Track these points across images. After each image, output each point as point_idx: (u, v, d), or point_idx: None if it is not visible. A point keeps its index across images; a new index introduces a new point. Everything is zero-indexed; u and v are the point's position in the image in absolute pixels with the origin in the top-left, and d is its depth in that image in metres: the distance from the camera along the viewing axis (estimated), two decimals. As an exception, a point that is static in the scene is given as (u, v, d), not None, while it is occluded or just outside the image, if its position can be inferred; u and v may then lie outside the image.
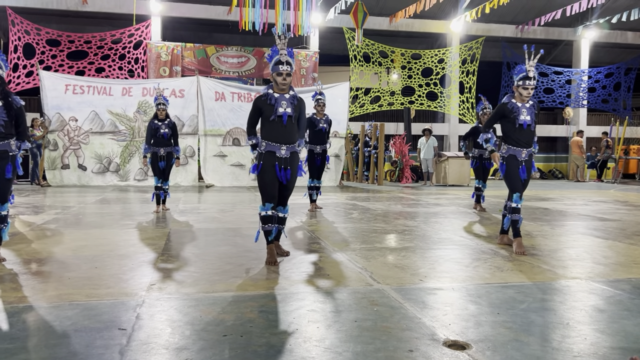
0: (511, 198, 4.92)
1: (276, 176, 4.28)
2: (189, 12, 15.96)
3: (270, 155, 4.28)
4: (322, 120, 7.84)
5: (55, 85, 12.61)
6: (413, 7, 15.01)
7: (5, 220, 4.20)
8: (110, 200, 9.36)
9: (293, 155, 4.38)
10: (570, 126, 18.78)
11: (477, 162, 8.32)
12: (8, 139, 4.10)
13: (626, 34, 18.58)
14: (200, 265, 4.23)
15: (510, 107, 4.97)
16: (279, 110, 4.26)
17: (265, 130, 4.36)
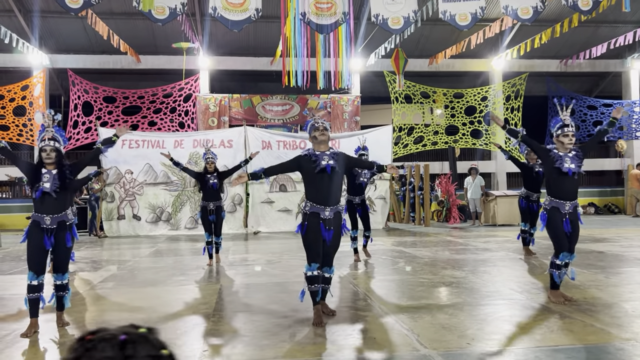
0: (557, 255, 4.84)
1: (321, 236, 4.38)
2: (234, 65, 16.67)
3: (314, 216, 4.40)
4: (363, 174, 7.96)
5: (112, 141, 13.31)
6: (454, 48, 15.16)
7: (66, 288, 4.45)
8: (163, 252, 9.71)
9: (337, 216, 4.48)
10: (624, 159, 18.15)
11: (524, 203, 8.15)
12: (66, 208, 4.34)
13: (678, 62, 18.03)
14: (249, 327, 4.35)
15: (553, 155, 4.93)
16: (322, 163, 4.38)
17: (310, 190, 4.47)
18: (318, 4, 9.72)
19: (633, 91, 18.08)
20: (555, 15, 15.08)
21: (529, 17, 10.42)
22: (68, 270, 4.46)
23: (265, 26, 15.52)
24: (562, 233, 4.84)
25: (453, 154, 17.25)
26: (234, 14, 9.55)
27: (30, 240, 4.26)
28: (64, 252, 4.37)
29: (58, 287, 4.39)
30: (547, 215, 4.89)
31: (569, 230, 4.86)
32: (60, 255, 4.34)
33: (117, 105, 15.95)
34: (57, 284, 4.39)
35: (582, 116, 17.94)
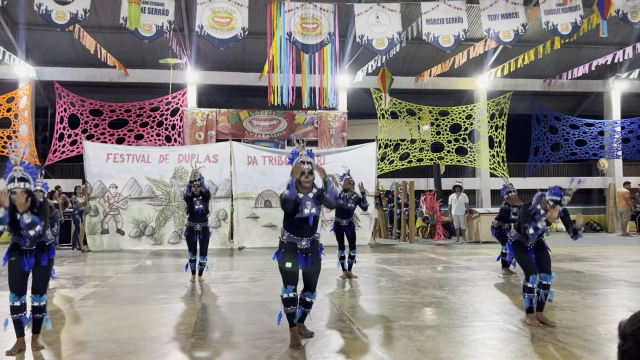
0: (527, 279, 4.98)
1: (297, 262, 4.45)
2: (222, 79, 16.75)
3: (291, 245, 4.47)
4: (351, 200, 8.09)
5: (97, 155, 13.30)
6: (439, 67, 15.39)
7: (44, 310, 4.38)
8: (145, 268, 9.67)
9: (313, 244, 4.55)
10: (606, 177, 18.45)
11: (496, 232, 8.50)
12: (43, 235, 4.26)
13: (658, 83, 18.44)
14: (227, 349, 4.37)
15: (533, 212, 5.01)
16: (304, 211, 4.42)
17: (288, 223, 4.51)
18: (304, 24, 9.86)
19: (614, 111, 18.43)
20: (538, 36, 15.39)
21: (511, 40, 10.65)
22: (46, 292, 4.43)
23: (253, 42, 15.64)
24: (528, 258, 5.00)
25: (438, 171, 17.43)
26: (220, 33, 9.65)
27: (10, 261, 4.26)
28: (42, 273, 4.36)
29: (35, 309, 4.33)
30: (512, 246, 5.08)
31: (534, 258, 5.02)
32: (38, 276, 4.33)
33: (104, 118, 15.93)
34: (34, 306, 4.33)
35: (564, 135, 18.23)
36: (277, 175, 13.74)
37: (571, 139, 18.22)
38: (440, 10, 10.35)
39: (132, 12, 8.63)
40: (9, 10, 14.40)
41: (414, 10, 12.97)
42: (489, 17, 10.44)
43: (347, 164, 14.02)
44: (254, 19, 13.37)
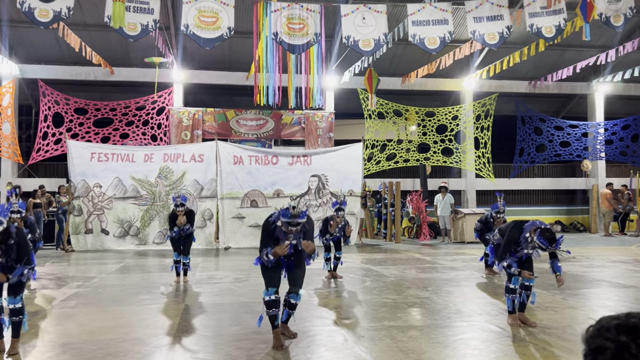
0: (510, 280, 5.02)
1: (280, 267, 4.46)
2: (209, 79, 16.66)
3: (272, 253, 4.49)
4: (336, 230, 8.06)
5: (81, 154, 13.17)
6: (426, 68, 15.45)
7: (21, 312, 4.25)
8: (130, 269, 9.61)
9: (296, 249, 4.55)
10: (589, 179, 18.67)
11: (479, 234, 8.57)
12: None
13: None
14: (210, 350, 4.36)
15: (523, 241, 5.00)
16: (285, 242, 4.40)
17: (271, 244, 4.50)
18: (290, 25, 9.85)
19: (598, 113, 18.64)
20: (523, 39, 15.51)
21: (496, 42, 10.74)
22: (21, 294, 4.30)
23: (240, 41, 15.58)
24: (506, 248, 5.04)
25: (424, 172, 17.51)
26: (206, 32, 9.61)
27: None
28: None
29: (11, 312, 4.22)
30: (494, 249, 5.12)
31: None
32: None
33: (89, 117, 15.77)
34: (9, 308, 4.22)
35: (549, 136, 18.42)
36: (264, 175, 13.73)
37: (555, 140, 18.40)
38: (426, 12, 10.41)
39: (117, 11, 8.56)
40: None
41: (400, 12, 13.02)
42: (475, 19, 10.52)
43: (333, 164, 14.17)
44: (241, 18, 13.32)
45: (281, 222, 4.34)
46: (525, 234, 4.92)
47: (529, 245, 4.95)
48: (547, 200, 19.54)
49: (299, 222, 4.31)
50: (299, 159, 14.04)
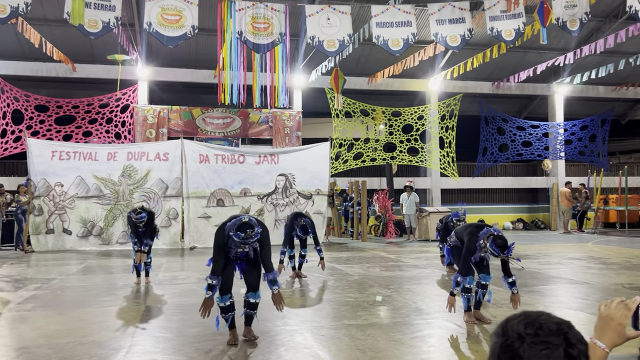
0: (464, 279, 5.17)
1: (232, 269, 4.49)
2: (175, 76, 16.47)
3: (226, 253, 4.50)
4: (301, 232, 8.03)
5: (42, 152, 12.87)
6: (392, 69, 15.64)
7: None
8: (92, 269, 9.45)
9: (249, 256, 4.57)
10: (549, 177, 19.22)
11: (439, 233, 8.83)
12: None
13: (597, 88, 19.32)
14: (169, 352, 4.35)
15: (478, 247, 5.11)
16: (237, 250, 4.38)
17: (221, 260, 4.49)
18: (255, 24, 9.84)
19: (558, 114, 19.20)
20: (486, 41, 15.85)
21: (457, 44, 10.96)
22: None
23: (206, 39, 15.46)
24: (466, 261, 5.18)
25: (390, 171, 17.72)
26: (169, 30, 9.51)
27: None
28: None
29: None
30: (451, 250, 5.26)
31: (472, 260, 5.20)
32: None
33: (50, 114, 15.40)
34: None
35: (511, 136, 18.88)
36: (230, 174, 13.67)
37: (518, 140, 18.88)
38: (390, 14, 10.54)
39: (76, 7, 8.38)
40: (-53, 0, 13.71)
41: (366, 13, 13.14)
42: (437, 21, 10.71)
43: (301, 163, 14.21)
44: (207, 15, 13.22)
45: (234, 233, 4.32)
46: (480, 241, 5.06)
47: (483, 250, 5.10)
48: (510, 198, 20.03)
49: (252, 242, 4.31)
50: (266, 158, 14.03)
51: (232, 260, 4.52)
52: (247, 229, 4.23)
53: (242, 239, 4.20)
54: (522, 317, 1.16)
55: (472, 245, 5.12)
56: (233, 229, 4.24)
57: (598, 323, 1.40)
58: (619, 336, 1.36)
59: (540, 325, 1.13)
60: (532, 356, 1.09)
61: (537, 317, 1.15)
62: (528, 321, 1.14)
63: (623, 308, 1.37)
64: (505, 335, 1.14)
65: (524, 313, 1.18)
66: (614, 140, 22.08)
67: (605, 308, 1.41)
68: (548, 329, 1.12)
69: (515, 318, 1.17)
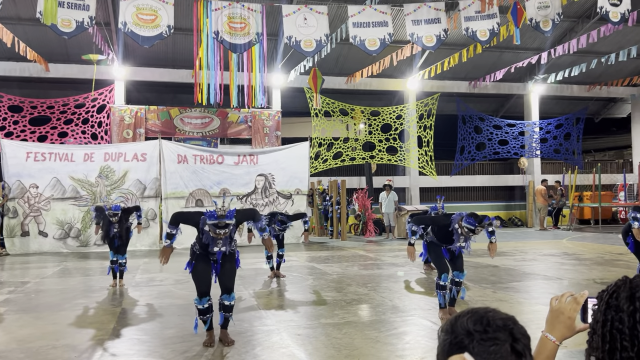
0: (440, 276, 5.25)
1: (210, 271, 4.49)
2: (152, 76, 16.31)
3: (203, 254, 4.50)
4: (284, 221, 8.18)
5: (16, 153, 12.65)
6: (370, 68, 15.71)
7: None
8: (68, 272, 9.33)
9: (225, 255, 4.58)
10: (526, 175, 19.53)
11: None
12: None
13: (572, 87, 19.67)
14: (144, 354, 4.34)
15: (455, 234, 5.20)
16: (214, 249, 4.44)
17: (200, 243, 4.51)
18: (231, 24, 9.80)
19: (533, 112, 19.51)
20: (463, 40, 16.02)
21: (433, 44, 11.07)
22: None
23: (184, 38, 15.33)
24: (441, 258, 5.26)
25: (369, 170, 17.81)
26: (144, 30, 9.42)
27: None
28: None
29: None
30: (427, 246, 5.34)
31: (447, 257, 5.29)
32: None
33: (24, 114, 15.14)
34: None
35: (488, 135, 19.13)
36: (209, 174, 13.61)
37: (494, 138, 19.13)
38: (366, 14, 10.59)
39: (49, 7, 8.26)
40: None
41: (343, 12, 13.19)
42: (413, 22, 10.80)
43: (280, 163, 14.21)
44: (184, 14, 13.12)
45: (208, 227, 4.33)
46: (455, 225, 5.14)
47: (460, 238, 5.16)
48: (487, 196, 20.29)
49: (227, 223, 4.31)
50: (245, 158, 14.00)
51: (210, 262, 4.52)
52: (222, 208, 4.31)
53: (216, 218, 4.25)
54: (470, 314, 1.20)
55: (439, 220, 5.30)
56: (208, 213, 4.30)
57: (549, 317, 1.45)
58: (568, 329, 1.41)
59: (488, 321, 1.17)
60: (481, 352, 1.13)
61: (484, 314, 1.19)
62: (476, 318, 1.18)
63: (572, 302, 1.43)
64: (454, 332, 1.17)
65: (472, 310, 1.22)
66: (588, 138, 22.56)
67: (556, 302, 1.46)
68: (495, 325, 1.16)
69: (463, 315, 1.21)
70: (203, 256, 4.51)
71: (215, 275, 4.60)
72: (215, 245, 4.42)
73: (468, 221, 4.99)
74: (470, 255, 6.78)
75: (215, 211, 4.31)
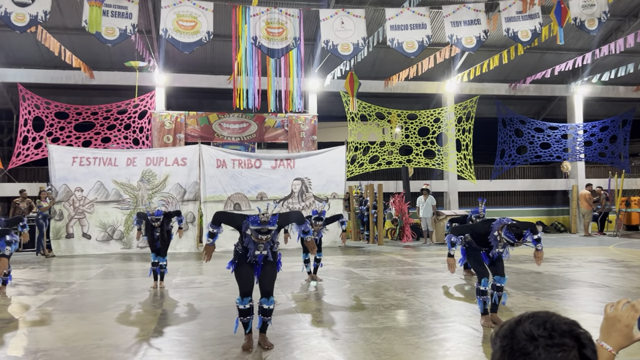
0: (479, 281, 5.11)
1: (252, 271, 4.49)
2: (191, 82, 16.63)
3: (245, 254, 4.51)
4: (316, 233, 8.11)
5: (63, 158, 13.09)
6: (407, 71, 15.58)
7: None
8: (111, 273, 9.56)
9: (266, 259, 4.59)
10: (569, 179, 18.94)
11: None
12: None
13: (618, 88, 19.00)
14: (184, 355, 4.38)
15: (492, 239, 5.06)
16: (255, 252, 4.46)
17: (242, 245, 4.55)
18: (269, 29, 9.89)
19: (577, 115, 18.92)
20: (503, 42, 15.71)
21: (473, 46, 10.88)
22: None
23: (222, 44, 15.59)
24: (480, 263, 5.12)
25: (406, 174, 17.62)
26: (185, 36, 9.61)
27: None
28: None
29: None
30: (465, 250, 5.20)
31: (487, 262, 5.14)
32: None
33: (70, 121, 15.66)
34: None
35: (529, 138, 18.66)
36: (247, 179, 13.76)
37: (536, 142, 18.64)
38: (404, 17, 10.51)
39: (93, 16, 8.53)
40: (-30, 11, 14.05)
41: (380, 16, 13.13)
42: (452, 23, 10.64)
43: (317, 167, 14.23)
44: (223, 21, 13.33)
45: (250, 231, 4.35)
46: (494, 233, 5.00)
47: (499, 244, 5.03)
48: (528, 201, 19.78)
49: (269, 229, 4.33)
50: (282, 162, 14.09)
51: (252, 264, 4.53)
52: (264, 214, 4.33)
53: (259, 224, 4.28)
54: (531, 318, 1.13)
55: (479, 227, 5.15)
56: (251, 219, 4.33)
57: (604, 325, 1.37)
58: (625, 338, 1.33)
59: (552, 326, 1.10)
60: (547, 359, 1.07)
61: (547, 318, 1.13)
62: (539, 322, 1.11)
63: (630, 309, 1.34)
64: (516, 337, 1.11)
65: (533, 314, 1.16)
66: (636, 141, 21.67)
67: (611, 309, 1.38)
68: (561, 330, 1.10)
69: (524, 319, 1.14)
70: (245, 257, 4.53)
71: (257, 278, 4.61)
72: (257, 249, 4.44)
73: (508, 235, 4.85)
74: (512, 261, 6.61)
75: (259, 217, 4.32)
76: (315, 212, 8.10)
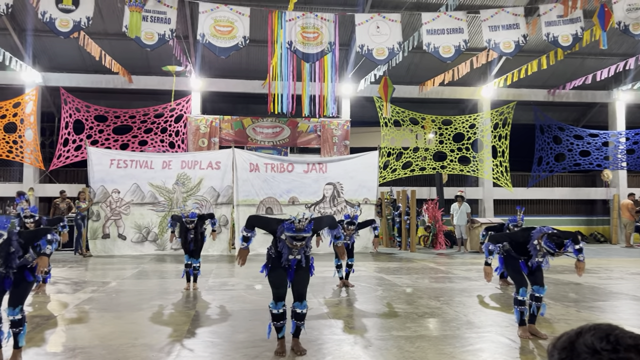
0: (517, 291, 4.97)
1: (286, 275, 4.48)
2: (226, 87, 16.83)
3: (279, 258, 4.50)
4: (348, 238, 8.07)
5: (101, 160, 13.41)
6: (442, 76, 15.40)
7: (20, 324, 4.16)
8: (146, 274, 9.72)
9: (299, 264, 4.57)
10: (610, 188, 18.34)
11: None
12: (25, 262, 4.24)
13: (663, 94, 18.35)
14: (217, 357, 4.40)
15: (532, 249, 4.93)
16: (289, 257, 4.46)
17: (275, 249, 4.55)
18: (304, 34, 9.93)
19: (619, 122, 18.33)
20: (542, 47, 15.37)
21: (511, 50, 10.66)
22: (21, 306, 4.20)
23: (257, 50, 15.73)
24: (519, 272, 4.98)
25: (440, 180, 17.39)
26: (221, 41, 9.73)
27: None
28: (22, 287, 4.23)
29: (12, 323, 4.15)
30: (503, 259, 5.07)
31: (526, 271, 5.00)
32: (17, 288, 4.19)
33: (108, 124, 16.06)
34: (10, 320, 4.15)
35: (568, 145, 18.17)
36: (279, 183, 13.81)
37: (575, 149, 18.14)
38: (441, 21, 10.38)
39: (134, 21, 8.73)
40: (16, 17, 14.59)
41: (416, 20, 13.02)
42: (490, 27, 10.46)
43: (349, 172, 14.18)
44: (258, 26, 13.46)
45: (285, 237, 4.34)
46: (534, 242, 4.86)
47: (539, 253, 4.88)
48: (566, 210, 19.24)
49: (304, 236, 4.31)
50: (314, 166, 14.09)
51: (285, 268, 4.52)
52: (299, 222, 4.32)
53: (294, 232, 4.26)
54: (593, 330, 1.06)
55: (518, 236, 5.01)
56: (287, 225, 4.32)
57: None
58: None
59: (616, 339, 1.03)
60: None
61: (611, 331, 1.05)
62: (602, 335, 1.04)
63: None
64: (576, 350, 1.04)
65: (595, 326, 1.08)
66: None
67: None
68: (626, 344, 1.02)
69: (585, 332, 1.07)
70: (279, 261, 4.52)
71: (290, 282, 4.59)
72: (291, 254, 4.43)
73: (548, 245, 4.70)
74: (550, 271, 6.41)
75: (294, 224, 4.30)
76: (347, 216, 8.06)
